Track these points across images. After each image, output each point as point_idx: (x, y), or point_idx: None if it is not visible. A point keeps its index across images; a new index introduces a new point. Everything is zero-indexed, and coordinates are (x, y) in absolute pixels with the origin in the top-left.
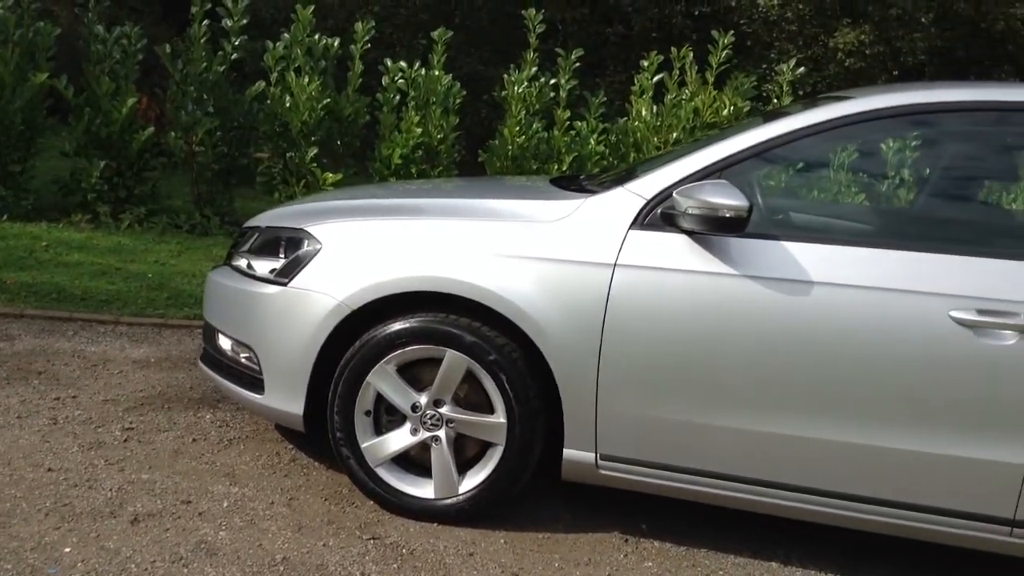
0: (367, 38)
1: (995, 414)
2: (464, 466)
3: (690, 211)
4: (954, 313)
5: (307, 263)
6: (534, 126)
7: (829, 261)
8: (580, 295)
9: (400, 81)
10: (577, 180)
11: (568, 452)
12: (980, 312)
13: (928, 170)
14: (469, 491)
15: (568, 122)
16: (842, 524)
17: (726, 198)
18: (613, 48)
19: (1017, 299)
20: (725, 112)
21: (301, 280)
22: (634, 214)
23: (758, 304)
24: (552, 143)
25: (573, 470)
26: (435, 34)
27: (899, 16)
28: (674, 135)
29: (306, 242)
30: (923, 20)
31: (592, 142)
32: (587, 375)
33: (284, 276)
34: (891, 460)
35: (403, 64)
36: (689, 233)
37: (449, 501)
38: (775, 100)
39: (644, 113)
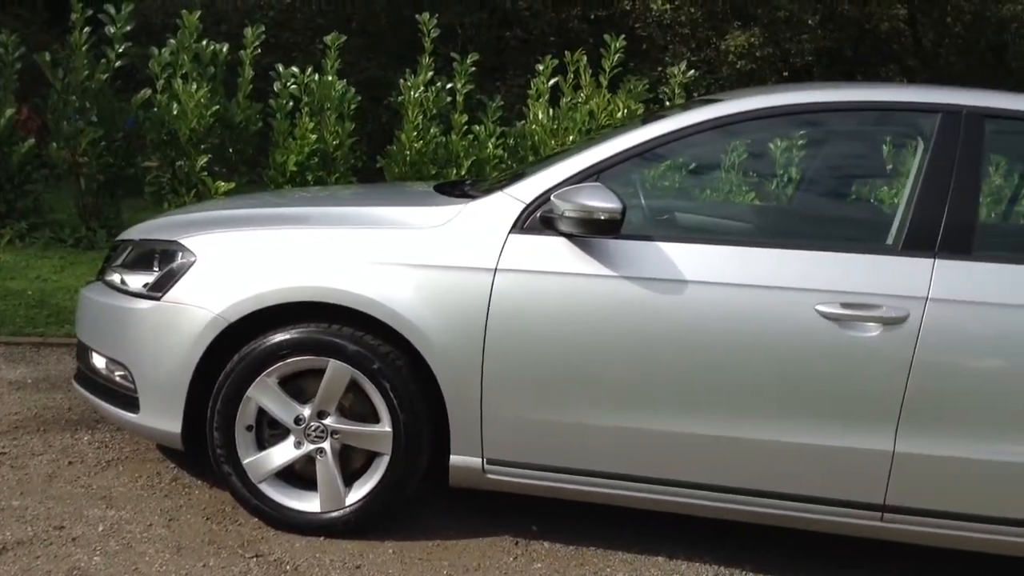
0: (257, 43)
1: (862, 403)
2: (351, 477)
3: (567, 214)
4: (820, 307)
5: (181, 276)
6: (432, 131)
7: (703, 260)
8: (462, 300)
9: (293, 87)
10: (462, 186)
11: (455, 458)
12: (844, 305)
13: (797, 170)
14: (356, 503)
15: (466, 126)
16: (724, 516)
17: (600, 201)
18: (513, 52)
19: (879, 292)
20: (619, 115)
21: (175, 294)
22: (514, 218)
23: (635, 304)
24: (451, 148)
25: (460, 476)
26: (328, 39)
27: (787, 18)
28: (570, 138)
29: (180, 254)
30: (810, 22)
31: (490, 146)
32: (471, 381)
33: (157, 290)
34: (766, 452)
35: (295, 70)
36: (568, 236)
37: (336, 514)
38: (668, 102)
39: (541, 116)
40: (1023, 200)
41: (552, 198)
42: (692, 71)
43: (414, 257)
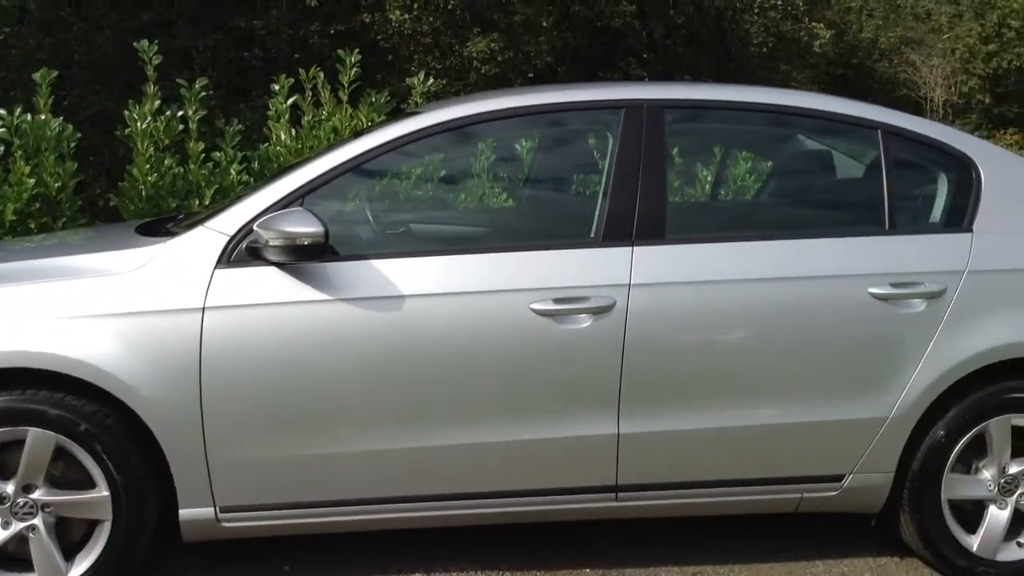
0: None
1: (585, 393)
2: (73, 550)
3: (271, 243)
4: (534, 305)
5: None
6: (167, 162)
7: (420, 273)
8: (169, 345)
9: (2, 130)
10: (166, 224)
11: (184, 512)
12: (556, 301)
13: (510, 174)
14: None
15: (205, 154)
16: (475, 522)
17: (302, 226)
18: (256, 72)
19: (586, 284)
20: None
21: None
22: (219, 252)
23: (355, 325)
24: (190, 178)
25: (193, 529)
26: (37, 75)
27: (523, 22)
28: None
29: None
30: (544, 24)
31: (233, 172)
32: (191, 428)
33: None
34: (505, 453)
35: (1, 111)
36: (278, 264)
37: None
38: None
39: (284, 137)
40: (712, 182)
41: (255, 228)
42: (432, 80)
43: (110, 306)
